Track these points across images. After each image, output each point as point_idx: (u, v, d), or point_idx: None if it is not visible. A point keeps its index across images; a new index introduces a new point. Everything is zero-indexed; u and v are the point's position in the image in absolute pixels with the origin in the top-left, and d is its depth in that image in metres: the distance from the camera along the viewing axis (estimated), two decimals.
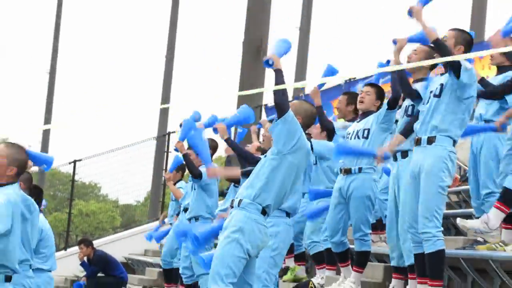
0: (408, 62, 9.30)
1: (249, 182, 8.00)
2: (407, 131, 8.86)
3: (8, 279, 7.63)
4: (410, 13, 8.41)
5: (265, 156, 8.07)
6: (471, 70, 8.23)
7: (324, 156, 11.07)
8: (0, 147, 7.84)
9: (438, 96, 8.37)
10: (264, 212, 7.92)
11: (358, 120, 10.31)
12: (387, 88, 10.46)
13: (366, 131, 10.13)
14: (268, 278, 8.50)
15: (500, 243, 8.82)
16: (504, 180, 9.09)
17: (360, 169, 10.19)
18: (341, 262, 10.61)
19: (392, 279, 9.65)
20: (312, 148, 9.84)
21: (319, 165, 11.21)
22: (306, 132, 10.74)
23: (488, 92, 9.43)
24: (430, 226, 8.16)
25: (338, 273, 11.20)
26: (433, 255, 8.21)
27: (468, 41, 8.49)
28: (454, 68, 8.14)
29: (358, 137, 10.20)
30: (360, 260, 10.27)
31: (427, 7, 8.59)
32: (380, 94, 10.21)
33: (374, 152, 8.95)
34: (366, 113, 10.21)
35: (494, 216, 8.26)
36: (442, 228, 8.29)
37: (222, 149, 12.54)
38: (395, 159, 9.26)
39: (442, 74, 8.73)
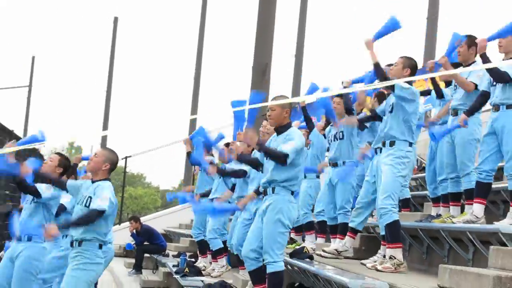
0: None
1: (276, 173, 7.99)
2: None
3: (100, 247, 7.80)
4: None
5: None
6: (408, 89, 8.39)
7: None
8: (97, 150, 8.23)
9: (391, 112, 8.54)
10: (292, 193, 8.00)
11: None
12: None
13: (341, 133, 10.21)
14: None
15: (451, 217, 8.81)
16: (452, 169, 9.09)
17: (343, 162, 10.23)
18: (332, 233, 10.57)
19: (346, 237, 9.63)
20: None
21: None
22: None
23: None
24: (386, 203, 8.29)
25: (327, 240, 11.19)
26: (390, 224, 8.31)
27: (414, 65, 8.60)
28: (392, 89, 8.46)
29: (336, 139, 10.27)
30: (342, 229, 10.25)
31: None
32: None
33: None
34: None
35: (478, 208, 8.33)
36: (397, 205, 8.42)
37: None
38: (376, 153, 9.25)
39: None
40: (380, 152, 8.84)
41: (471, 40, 8.74)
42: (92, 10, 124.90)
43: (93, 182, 7.97)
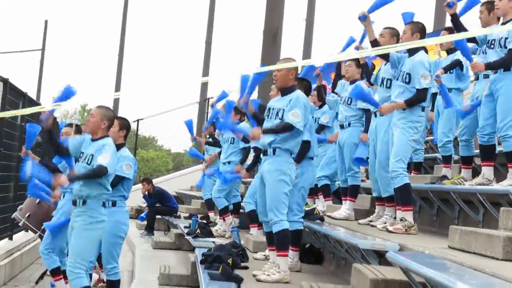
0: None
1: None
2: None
3: (103, 204, 7.88)
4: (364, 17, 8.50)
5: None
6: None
7: None
8: (93, 110, 8.09)
9: (408, 82, 8.48)
10: (291, 154, 8.03)
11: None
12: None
13: (349, 99, 10.22)
14: (299, 208, 8.64)
15: (461, 179, 8.77)
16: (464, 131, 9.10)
17: (349, 124, 10.23)
18: (344, 195, 10.58)
19: (376, 206, 9.64)
20: None
21: None
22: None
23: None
24: (398, 166, 8.27)
25: (335, 202, 11.22)
26: (401, 188, 8.30)
27: (422, 28, 8.58)
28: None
29: (345, 103, 10.29)
30: (353, 191, 10.27)
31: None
32: (358, 63, 10.14)
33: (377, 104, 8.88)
34: (353, 81, 10.21)
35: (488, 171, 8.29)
36: (406, 168, 8.38)
37: None
38: (375, 115, 9.27)
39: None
40: (380, 115, 8.95)
41: (490, 4, 8.64)
42: None
43: (93, 140, 7.96)
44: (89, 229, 7.76)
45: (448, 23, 9.09)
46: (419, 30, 8.53)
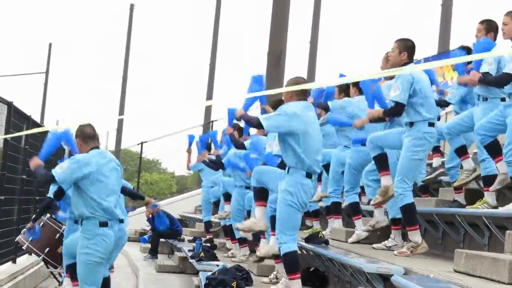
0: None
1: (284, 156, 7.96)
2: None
3: (101, 224, 7.85)
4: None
5: None
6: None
7: None
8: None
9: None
10: (308, 174, 7.87)
11: None
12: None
13: None
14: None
15: (485, 204, 8.69)
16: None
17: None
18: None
19: (392, 231, 9.55)
20: None
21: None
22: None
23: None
24: (399, 186, 8.18)
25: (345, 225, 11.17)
26: (404, 207, 8.22)
27: (410, 47, 8.39)
28: None
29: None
30: (354, 209, 10.22)
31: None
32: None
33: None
34: None
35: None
36: (411, 188, 8.25)
37: None
38: None
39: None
40: None
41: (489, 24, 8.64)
42: None
43: None
44: (85, 253, 7.71)
45: (454, 44, 8.99)
46: (406, 48, 8.36)
